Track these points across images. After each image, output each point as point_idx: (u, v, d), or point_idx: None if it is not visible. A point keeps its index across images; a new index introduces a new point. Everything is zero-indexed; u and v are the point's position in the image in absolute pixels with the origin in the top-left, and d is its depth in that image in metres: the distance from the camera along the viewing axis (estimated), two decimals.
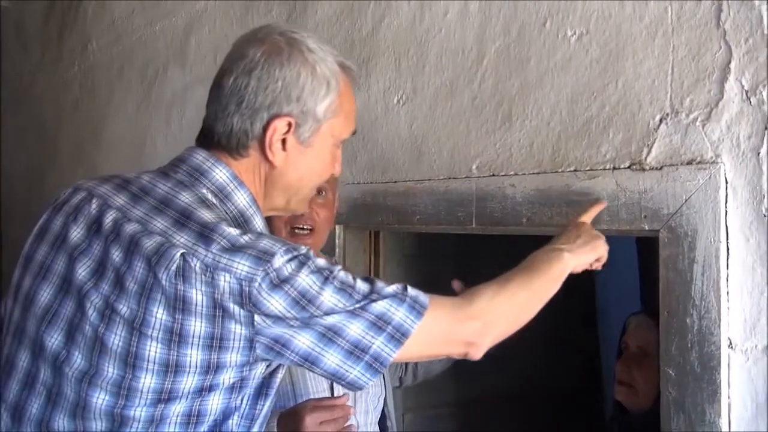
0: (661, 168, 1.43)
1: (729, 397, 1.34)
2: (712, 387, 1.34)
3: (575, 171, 1.57)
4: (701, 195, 1.37)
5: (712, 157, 1.38)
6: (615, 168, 1.51)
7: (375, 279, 1.13)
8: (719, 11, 1.37)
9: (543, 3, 1.64)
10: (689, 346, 1.37)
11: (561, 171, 1.59)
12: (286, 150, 1.18)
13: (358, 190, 2.02)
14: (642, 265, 2.80)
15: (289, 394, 1.58)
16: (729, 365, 1.34)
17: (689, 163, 1.40)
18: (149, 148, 2.95)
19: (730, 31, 1.36)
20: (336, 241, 2.08)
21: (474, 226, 1.75)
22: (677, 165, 1.41)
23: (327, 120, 1.20)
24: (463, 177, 1.78)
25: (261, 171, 1.20)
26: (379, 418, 1.79)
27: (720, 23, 1.37)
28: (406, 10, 1.93)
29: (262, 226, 1.19)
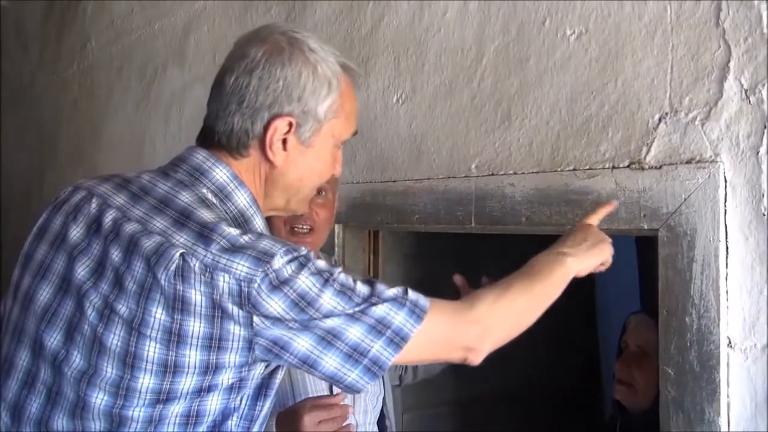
0: (661, 167, 1.43)
1: (728, 396, 1.34)
2: (711, 386, 1.34)
3: (574, 170, 1.57)
4: (700, 194, 1.37)
5: (711, 156, 1.38)
6: (614, 167, 1.50)
7: (376, 281, 1.12)
8: (718, 10, 1.37)
9: (542, 2, 1.64)
10: (688, 345, 1.37)
11: (560, 170, 1.59)
12: (286, 150, 1.17)
13: (357, 189, 2.02)
14: (641, 265, 2.80)
15: (288, 393, 1.58)
16: (728, 364, 1.34)
17: (688, 162, 1.40)
18: (148, 147, 2.95)
19: (729, 30, 1.36)
20: (335, 240, 2.08)
21: (473, 225, 1.75)
22: (676, 164, 1.41)
23: (328, 120, 1.19)
24: (463, 176, 1.78)
25: (261, 171, 1.19)
26: (378, 417, 1.79)
27: (719, 22, 1.37)
28: (405, 9, 1.93)
29: (262, 226, 1.18)
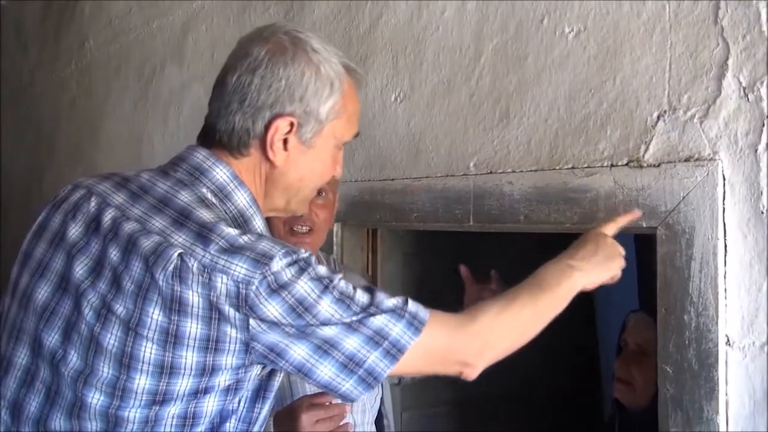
0: (659, 165, 1.43)
1: (726, 395, 1.34)
2: (709, 384, 1.34)
3: (573, 168, 1.56)
4: (699, 192, 1.37)
5: (709, 154, 1.37)
6: (613, 165, 1.50)
7: (376, 290, 1.11)
8: (717, 8, 1.37)
9: (541, 0, 1.64)
10: (687, 343, 1.37)
11: (559, 168, 1.59)
12: (287, 150, 1.17)
13: (355, 187, 2.01)
14: (640, 263, 2.80)
15: (287, 392, 1.58)
16: (726, 362, 1.34)
17: (687, 160, 1.40)
18: (147, 146, 2.94)
19: (727, 28, 1.36)
20: (334, 239, 2.08)
21: (472, 223, 1.74)
22: (675, 162, 1.41)
23: (329, 121, 1.19)
24: (461, 174, 1.78)
25: (262, 170, 1.19)
26: (376, 416, 1.79)
27: (718, 20, 1.37)
28: (403, 8, 1.93)
29: (262, 226, 1.18)
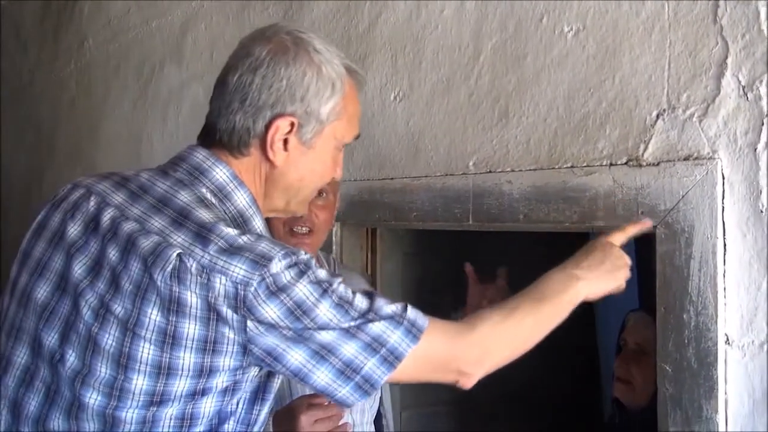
0: (658, 164, 1.43)
1: (726, 393, 1.34)
2: (709, 383, 1.34)
3: (572, 167, 1.56)
4: (698, 191, 1.37)
5: (709, 153, 1.37)
6: (612, 164, 1.50)
7: (375, 295, 1.11)
8: (716, 7, 1.37)
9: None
10: (686, 342, 1.37)
11: (558, 167, 1.59)
12: (287, 150, 1.17)
13: (354, 187, 2.01)
14: (639, 262, 2.79)
15: (286, 392, 1.58)
16: (726, 361, 1.34)
17: (686, 159, 1.40)
18: (146, 145, 2.94)
19: (727, 27, 1.36)
20: (333, 238, 2.08)
21: (471, 222, 1.74)
22: (674, 161, 1.41)
23: (330, 122, 1.18)
24: (460, 174, 1.78)
25: (261, 171, 1.19)
26: (375, 416, 1.79)
27: (717, 19, 1.37)
28: (402, 6, 1.93)
29: (261, 226, 1.17)
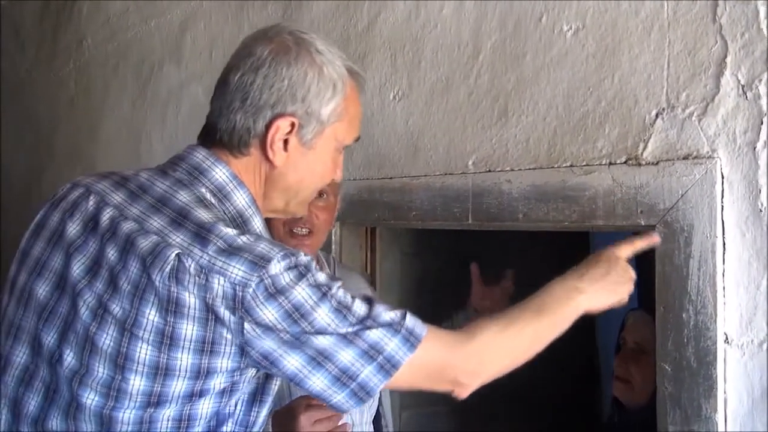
0: (658, 163, 1.43)
1: (725, 392, 1.34)
2: (708, 382, 1.34)
3: (571, 166, 1.56)
4: (697, 190, 1.37)
5: (708, 152, 1.37)
6: (611, 163, 1.50)
7: (374, 301, 1.10)
8: (715, 6, 1.37)
9: None
10: (685, 341, 1.37)
11: (557, 166, 1.59)
12: (287, 151, 1.17)
13: (354, 186, 2.01)
14: (639, 261, 2.79)
15: (285, 392, 1.58)
16: (725, 360, 1.34)
17: (685, 158, 1.40)
18: (145, 144, 2.94)
19: (726, 26, 1.35)
20: (332, 238, 2.08)
21: (470, 221, 1.74)
22: (673, 160, 1.41)
23: (331, 123, 1.18)
24: (460, 173, 1.77)
25: (261, 171, 1.18)
26: (374, 416, 1.79)
27: (716, 18, 1.37)
28: (401, 6, 1.93)
29: (261, 227, 1.17)
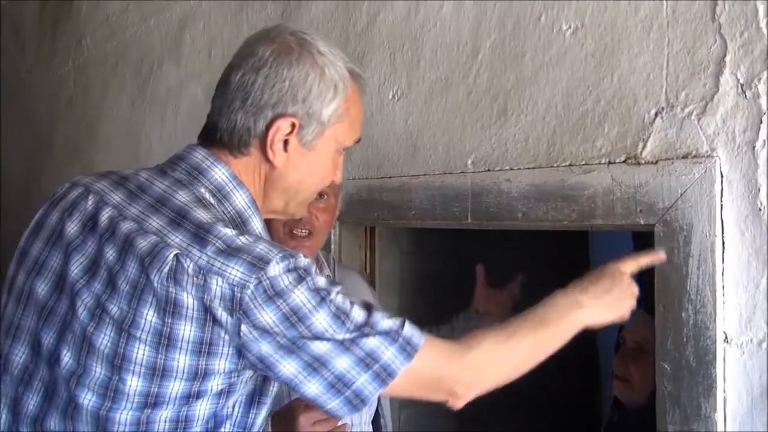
0: (657, 162, 1.43)
1: (724, 392, 1.34)
2: (707, 381, 1.34)
3: (570, 165, 1.56)
4: (697, 189, 1.37)
5: (707, 151, 1.37)
6: (610, 162, 1.50)
7: (374, 308, 1.10)
8: (714, 5, 1.37)
9: None
10: (685, 340, 1.37)
11: (556, 166, 1.59)
12: (287, 151, 1.16)
13: (353, 185, 2.01)
14: None
15: (284, 392, 1.57)
16: (724, 359, 1.34)
17: (685, 157, 1.40)
18: (144, 144, 2.94)
19: (725, 25, 1.35)
20: (332, 237, 2.08)
21: (469, 221, 1.74)
22: (673, 159, 1.41)
23: (331, 125, 1.18)
24: (459, 172, 1.77)
25: (261, 171, 1.18)
26: (373, 416, 1.78)
27: (715, 17, 1.37)
28: (400, 5, 1.92)
29: (260, 227, 1.17)
